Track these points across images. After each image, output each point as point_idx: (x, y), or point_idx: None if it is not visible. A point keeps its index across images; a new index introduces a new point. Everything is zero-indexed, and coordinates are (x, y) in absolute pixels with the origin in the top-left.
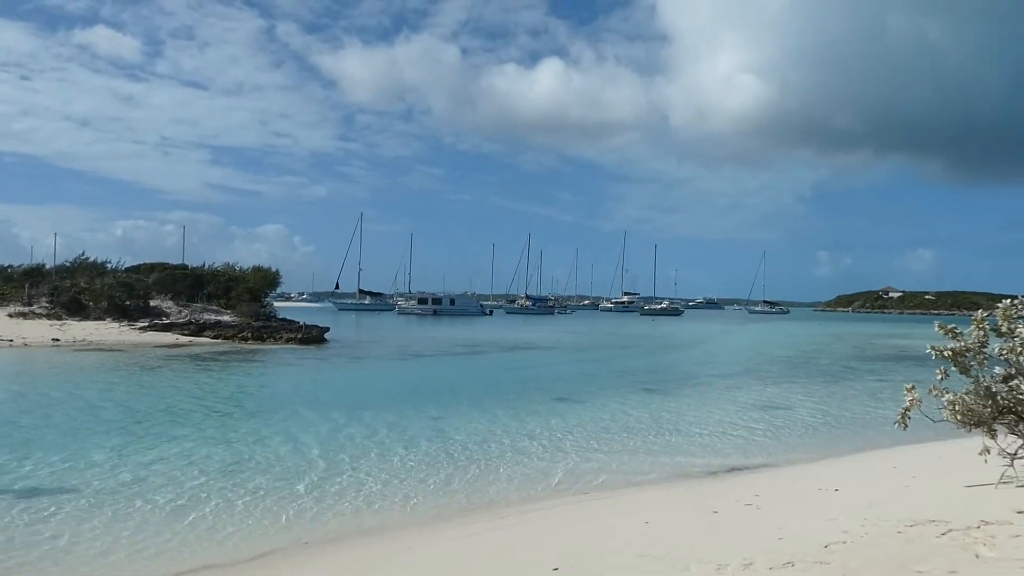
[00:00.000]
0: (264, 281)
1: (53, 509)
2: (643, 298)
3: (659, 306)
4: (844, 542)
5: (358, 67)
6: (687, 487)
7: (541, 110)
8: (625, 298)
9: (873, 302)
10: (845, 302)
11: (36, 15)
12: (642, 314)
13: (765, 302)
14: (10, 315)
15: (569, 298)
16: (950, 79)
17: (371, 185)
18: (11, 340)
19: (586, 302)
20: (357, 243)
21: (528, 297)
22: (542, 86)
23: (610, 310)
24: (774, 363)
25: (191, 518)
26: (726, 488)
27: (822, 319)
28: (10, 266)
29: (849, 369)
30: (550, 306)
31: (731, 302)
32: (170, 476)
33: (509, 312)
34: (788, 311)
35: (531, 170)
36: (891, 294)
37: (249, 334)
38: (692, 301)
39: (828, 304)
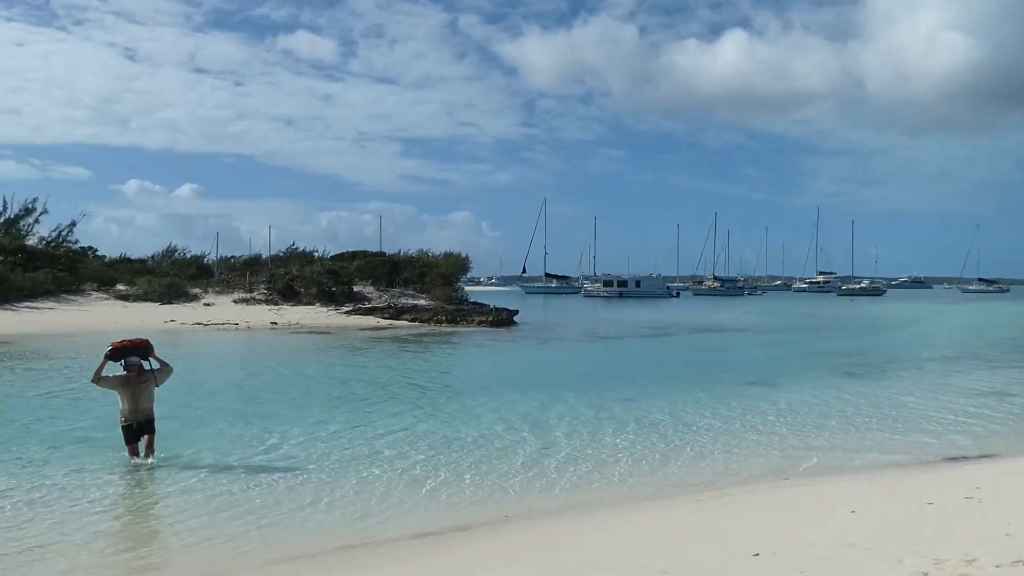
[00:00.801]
0: (455, 266)
1: (305, 477)
2: (840, 277)
3: (858, 285)
4: None
5: (537, 53)
6: (897, 477)
7: (724, 84)
8: (820, 278)
9: None
10: None
11: (245, 25)
12: (839, 294)
13: (980, 280)
14: (235, 301)
15: (759, 278)
16: None
17: (554, 169)
18: (237, 323)
19: (778, 282)
20: (542, 227)
21: (716, 278)
22: (725, 59)
23: (804, 290)
24: (994, 346)
25: (428, 487)
26: (942, 479)
27: None
28: (232, 257)
29: None
30: (739, 287)
31: (940, 280)
32: (399, 449)
33: (696, 294)
34: (1008, 289)
35: (715, 147)
36: None
37: (443, 317)
38: (895, 280)
39: None
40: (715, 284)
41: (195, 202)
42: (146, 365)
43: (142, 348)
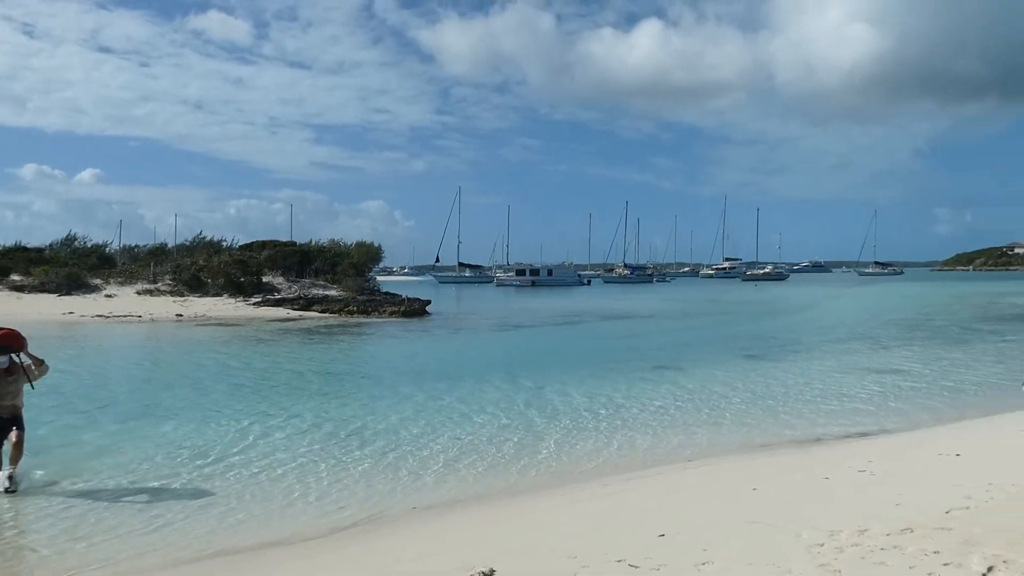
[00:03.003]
0: (367, 256)
1: (202, 476)
2: (745, 263)
3: (762, 271)
4: (967, 507)
5: (454, 40)
6: (796, 454)
7: (639, 74)
8: (726, 264)
9: (997, 259)
10: (965, 260)
11: (153, 2)
12: (744, 279)
13: (877, 263)
14: (138, 292)
15: (668, 266)
16: None
17: (468, 158)
18: (140, 316)
19: (686, 269)
20: (456, 216)
21: (626, 266)
22: (640, 50)
23: (711, 277)
24: (887, 326)
25: (331, 484)
26: (838, 455)
27: (939, 279)
28: (136, 246)
29: (970, 330)
30: (648, 274)
31: (839, 265)
32: (300, 446)
33: (607, 281)
34: (902, 272)
35: (628, 137)
36: (1017, 250)
37: (355, 308)
38: (797, 265)
39: (945, 263)
40: (625, 272)
41: (97, 188)
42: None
43: (11, 343)
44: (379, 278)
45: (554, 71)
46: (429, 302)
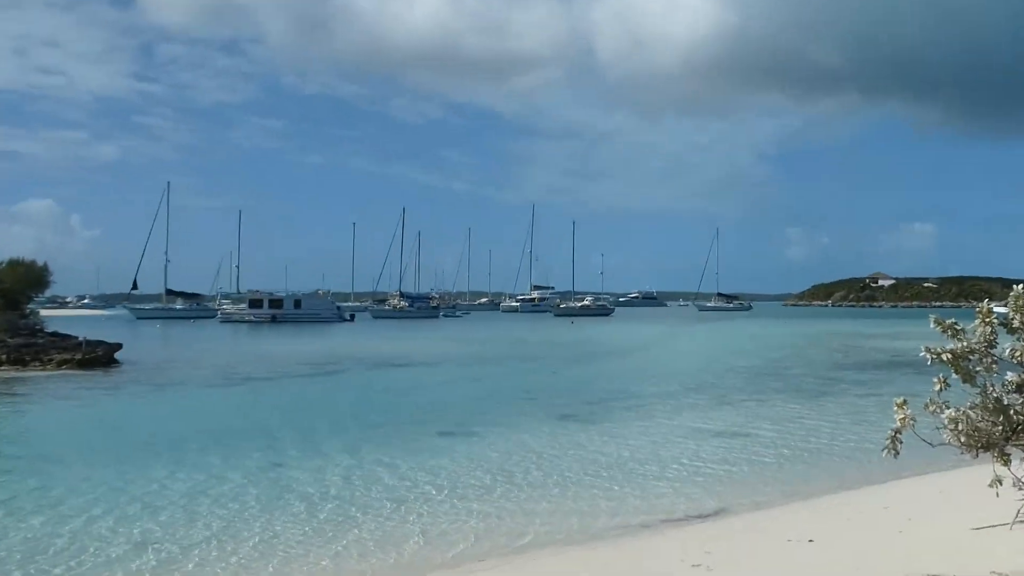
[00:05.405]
0: (25, 280)
1: None
2: (558, 293)
3: (579, 303)
4: None
5: None
6: (613, 547)
7: (422, 39)
8: (535, 294)
9: (859, 292)
10: (823, 293)
11: None
12: (557, 314)
13: (720, 295)
14: None
15: (460, 296)
16: (955, 2)
17: (182, 143)
18: None
19: (483, 300)
20: (163, 224)
21: (403, 295)
22: (424, 6)
23: (515, 310)
24: (730, 375)
25: None
26: (667, 546)
27: (794, 316)
28: None
29: (827, 381)
30: (434, 307)
31: (676, 296)
32: None
33: (377, 316)
34: (750, 306)
35: (407, 121)
36: (881, 282)
37: (3, 356)
38: (624, 296)
39: (801, 296)
40: (402, 304)
41: None
42: None
43: None
44: (44, 312)
45: (304, 27)
46: (120, 346)
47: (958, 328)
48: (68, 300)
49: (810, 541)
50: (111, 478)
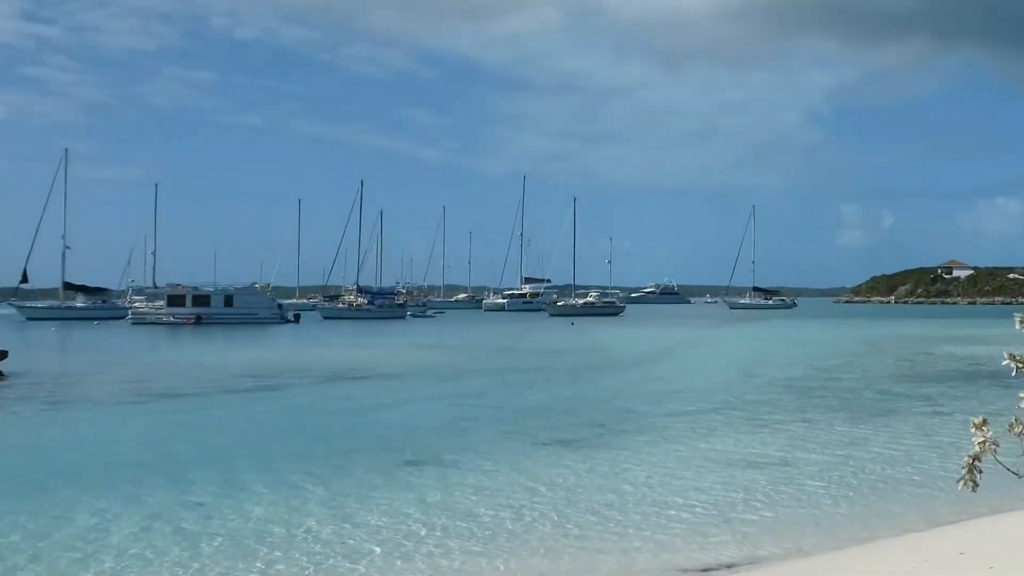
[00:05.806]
0: None
1: None
2: (555, 287)
3: (582, 300)
4: None
5: None
6: None
7: None
8: (526, 288)
9: (929, 286)
10: (884, 287)
11: None
12: (554, 314)
13: (756, 290)
14: None
15: (432, 290)
16: None
17: (85, 99)
18: None
19: (461, 296)
20: (59, 202)
21: (361, 290)
22: None
23: (501, 308)
24: (769, 390)
25: None
26: None
27: (848, 315)
28: None
29: (889, 396)
30: (400, 305)
31: (702, 291)
32: None
33: (328, 316)
34: (794, 303)
35: (366, 73)
36: (956, 273)
37: None
38: (638, 291)
39: (857, 291)
40: (360, 301)
41: None
42: None
43: None
44: None
45: None
46: (5, 354)
47: None
48: None
49: None
50: None
